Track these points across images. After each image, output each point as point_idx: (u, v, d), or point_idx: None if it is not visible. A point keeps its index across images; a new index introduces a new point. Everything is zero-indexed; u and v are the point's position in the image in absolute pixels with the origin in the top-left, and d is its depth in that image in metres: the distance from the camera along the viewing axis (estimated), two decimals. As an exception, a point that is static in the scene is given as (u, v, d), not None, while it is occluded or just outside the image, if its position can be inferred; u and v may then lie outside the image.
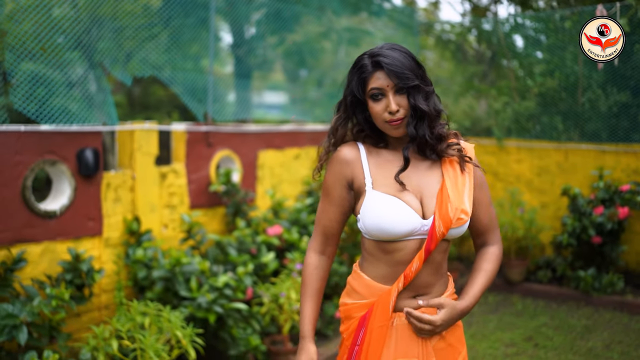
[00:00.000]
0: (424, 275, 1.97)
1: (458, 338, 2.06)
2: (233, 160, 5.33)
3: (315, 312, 2.08)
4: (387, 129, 1.95)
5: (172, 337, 3.45)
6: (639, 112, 6.62)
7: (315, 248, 2.12)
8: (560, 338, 5.17)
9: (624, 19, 6.16)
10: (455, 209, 1.91)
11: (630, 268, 6.44)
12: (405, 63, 1.89)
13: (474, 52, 13.82)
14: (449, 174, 1.97)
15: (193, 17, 5.12)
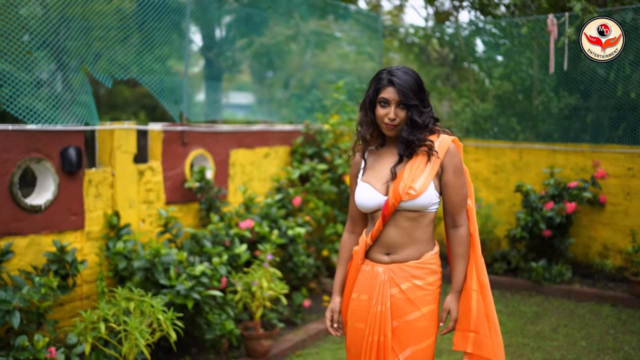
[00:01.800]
0: (391, 236, 2.59)
1: (419, 298, 2.57)
2: (206, 159, 5.62)
3: (344, 275, 2.79)
4: (384, 129, 2.59)
5: (153, 321, 3.74)
6: (587, 114, 7.09)
7: (347, 228, 2.85)
8: (512, 323, 5.58)
9: (571, 28, 6.62)
10: (405, 186, 2.51)
11: (577, 259, 6.90)
12: (412, 86, 2.51)
13: (437, 55, 14.30)
14: (413, 163, 2.56)
15: (166, 20, 5.36)
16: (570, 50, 6.89)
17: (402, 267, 2.57)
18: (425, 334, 2.57)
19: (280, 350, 4.81)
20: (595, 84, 6.92)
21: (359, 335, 2.64)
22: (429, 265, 2.61)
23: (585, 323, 5.55)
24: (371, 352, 2.58)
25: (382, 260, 2.61)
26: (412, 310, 2.56)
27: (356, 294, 2.66)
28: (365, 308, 2.62)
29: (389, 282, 2.57)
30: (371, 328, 2.58)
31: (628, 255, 6.46)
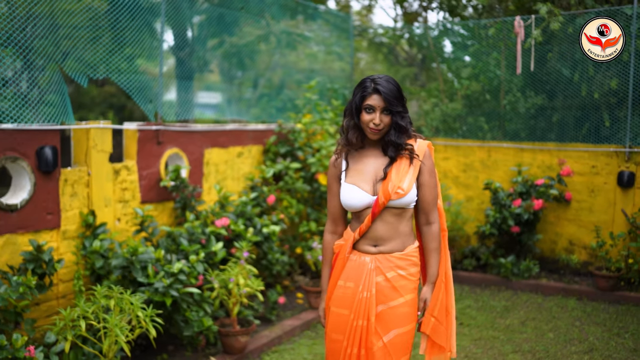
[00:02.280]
0: (378, 231, 2.79)
1: (403, 287, 2.79)
2: (181, 158, 5.65)
3: (329, 274, 2.97)
4: (368, 133, 2.78)
5: (133, 318, 3.77)
6: (553, 114, 7.29)
7: (329, 229, 3.02)
8: (482, 317, 5.73)
9: (538, 30, 6.81)
10: (393, 186, 2.73)
11: (544, 255, 7.10)
12: (395, 94, 2.72)
13: (406, 55, 14.48)
14: (399, 165, 2.79)
15: (139, 19, 5.36)
16: (537, 52, 7.08)
17: (387, 258, 2.80)
18: (407, 319, 2.79)
19: (256, 347, 4.87)
20: (561, 84, 7.12)
21: (342, 321, 2.81)
22: (411, 257, 2.84)
23: (552, 316, 5.72)
24: (355, 335, 2.76)
25: (369, 251, 2.82)
26: (397, 296, 2.77)
27: (342, 281, 2.84)
28: (350, 295, 2.80)
29: (375, 270, 2.79)
30: (356, 313, 2.77)
31: (592, 250, 6.67)
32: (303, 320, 5.51)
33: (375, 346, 2.73)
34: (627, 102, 6.62)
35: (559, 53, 7.12)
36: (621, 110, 6.79)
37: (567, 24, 6.87)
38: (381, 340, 2.74)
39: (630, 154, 6.53)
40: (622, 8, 6.62)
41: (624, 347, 4.96)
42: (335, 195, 2.92)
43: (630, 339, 5.13)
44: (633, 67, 6.50)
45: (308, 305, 5.92)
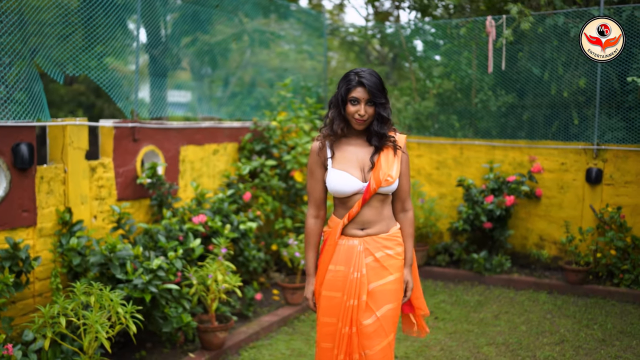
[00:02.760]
0: (366, 215, 2.97)
1: (391, 265, 2.98)
2: (157, 155, 5.64)
3: (315, 258, 3.13)
4: (354, 123, 2.94)
5: (112, 315, 3.76)
6: (523, 112, 7.44)
7: (312, 214, 3.13)
8: (456, 311, 5.83)
9: (509, 30, 6.94)
10: (384, 174, 2.92)
11: (515, 250, 7.24)
12: (378, 86, 2.88)
13: (377, 54, 14.57)
14: (386, 154, 2.98)
15: (113, 16, 5.32)
16: (507, 51, 7.22)
17: (375, 239, 2.98)
18: (395, 295, 2.99)
19: (234, 343, 4.89)
20: (531, 83, 7.27)
21: (335, 303, 2.96)
22: (396, 237, 3.05)
23: (524, 309, 5.85)
24: (347, 315, 2.92)
25: (357, 234, 2.99)
26: (387, 274, 2.96)
27: (333, 265, 2.99)
28: (341, 278, 2.96)
29: (364, 252, 2.97)
30: (348, 294, 2.93)
31: (562, 245, 6.83)
32: (280, 316, 5.54)
33: (366, 322, 2.89)
34: (595, 101, 6.79)
35: (529, 52, 7.26)
36: (589, 108, 6.96)
37: (537, 24, 7.01)
38: (374, 315, 2.90)
39: (597, 152, 6.70)
40: (589, 9, 6.79)
41: (593, 338, 5.10)
42: (319, 182, 3.05)
43: (598, 330, 5.27)
44: (600, 67, 6.67)
45: (284, 302, 5.96)
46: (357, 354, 2.91)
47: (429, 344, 5.00)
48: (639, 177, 6.52)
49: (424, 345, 4.97)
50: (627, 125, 6.72)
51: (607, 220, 6.47)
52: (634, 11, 6.56)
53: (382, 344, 2.92)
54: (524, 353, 4.79)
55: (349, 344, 2.92)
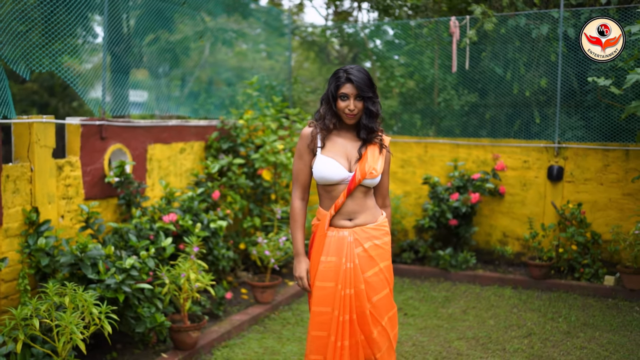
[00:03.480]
0: (351, 206, 3.10)
1: (379, 255, 3.12)
2: (124, 154, 5.55)
3: (303, 238, 3.24)
4: (344, 118, 3.09)
5: (86, 315, 3.69)
6: (486, 111, 7.58)
7: (298, 196, 3.25)
8: (425, 307, 5.90)
9: (473, 30, 7.06)
10: (369, 167, 3.07)
11: (479, 246, 7.38)
12: (366, 81, 3.02)
13: (337, 54, 14.61)
14: (373, 150, 3.13)
15: (75, 12, 5.20)
16: (471, 51, 7.34)
17: (363, 229, 3.12)
18: (383, 284, 3.13)
19: (207, 342, 4.85)
20: (494, 82, 7.41)
21: (327, 293, 3.07)
22: (383, 227, 3.19)
23: (491, 304, 5.97)
24: (344, 304, 3.05)
25: (346, 225, 3.12)
26: (373, 266, 3.10)
27: (324, 257, 3.10)
28: (333, 268, 3.08)
29: (354, 243, 3.09)
30: (343, 283, 3.06)
31: (525, 241, 6.99)
32: (250, 315, 5.52)
33: (367, 309, 3.05)
34: (555, 100, 6.97)
35: (491, 52, 7.41)
36: (550, 108, 7.14)
37: (500, 24, 7.16)
38: (369, 304, 3.06)
39: (559, 150, 6.87)
40: (550, 11, 6.96)
41: (558, 330, 5.23)
42: (306, 165, 3.18)
43: (563, 322, 5.42)
44: (561, 67, 6.85)
45: (254, 300, 5.93)
46: (362, 335, 3.08)
47: (400, 339, 5.05)
48: (598, 174, 6.72)
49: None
50: (586, 124, 6.92)
51: (568, 217, 6.65)
52: (592, 13, 6.76)
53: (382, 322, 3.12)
54: (493, 346, 4.88)
55: (351, 330, 3.06)
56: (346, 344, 3.05)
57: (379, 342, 3.09)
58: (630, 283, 6.11)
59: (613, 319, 5.52)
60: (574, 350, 4.80)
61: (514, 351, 4.78)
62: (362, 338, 3.09)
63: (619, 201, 6.64)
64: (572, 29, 6.80)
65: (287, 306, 5.99)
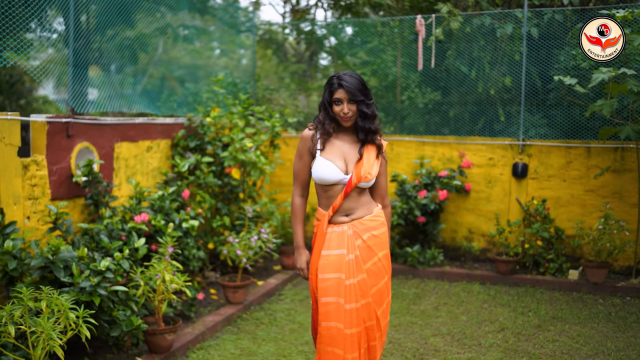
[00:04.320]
0: (347, 204, 3.29)
1: (376, 245, 3.30)
2: (91, 152, 5.38)
3: (303, 232, 3.48)
4: (341, 121, 3.27)
5: (62, 320, 3.55)
6: (451, 109, 7.66)
7: (298, 193, 3.47)
8: (397, 304, 5.92)
9: (439, 29, 7.11)
10: (365, 171, 3.25)
11: (446, 243, 7.46)
12: (357, 86, 3.19)
13: (294, 52, 14.56)
14: (368, 153, 3.31)
15: (33, 3, 5.00)
16: (436, 49, 7.41)
17: (361, 222, 3.30)
18: (382, 273, 3.32)
19: (181, 345, 4.75)
20: (459, 81, 7.50)
21: (331, 284, 3.22)
22: (379, 217, 3.36)
23: (461, 300, 6.03)
24: (350, 293, 3.21)
25: (344, 221, 3.30)
26: (372, 256, 3.29)
27: (326, 251, 3.27)
28: (335, 261, 3.24)
29: (353, 235, 3.27)
30: (347, 274, 3.22)
31: (491, 237, 7.10)
32: (223, 315, 5.43)
33: (369, 298, 3.24)
34: (520, 98, 7.10)
35: (456, 51, 7.49)
36: (513, 105, 7.26)
37: (465, 23, 7.24)
38: (371, 292, 3.25)
39: (523, 147, 7.00)
40: (513, 11, 7.08)
41: (530, 324, 5.33)
42: (306, 166, 3.38)
43: (533, 316, 5.52)
44: (525, 66, 6.97)
45: (224, 301, 5.85)
46: (369, 321, 3.26)
47: (376, 337, 5.05)
48: (561, 171, 6.87)
49: (372, 338, 5.01)
50: (549, 122, 7.07)
51: (533, 213, 6.78)
52: (554, 14, 6.91)
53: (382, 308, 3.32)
54: (469, 342, 4.93)
55: (358, 318, 3.21)
56: (354, 332, 3.21)
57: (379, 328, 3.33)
58: (594, 277, 6.27)
59: (580, 312, 5.66)
60: (546, 344, 4.89)
61: (489, 346, 4.84)
62: (369, 325, 3.26)
63: (581, 197, 6.81)
64: (535, 29, 6.93)
65: (259, 306, 5.92)
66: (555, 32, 6.93)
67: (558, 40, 6.93)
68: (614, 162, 6.62)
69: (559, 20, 6.88)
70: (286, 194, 8.12)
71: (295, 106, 8.90)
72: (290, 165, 8.22)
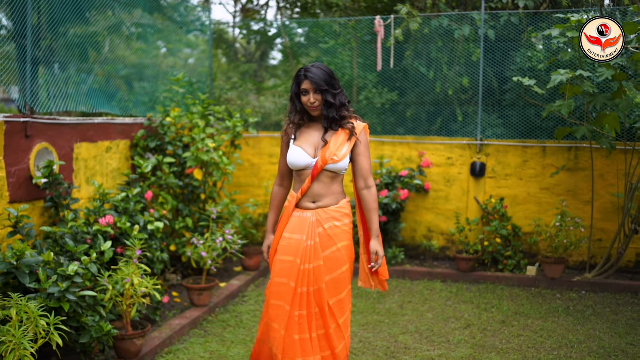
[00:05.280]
0: (316, 189, 3.42)
1: (337, 235, 3.41)
2: (51, 153, 5.20)
3: (276, 218, 3.69)
4: (309, 110, 3.44)
5: (31, 328, 3.42)
6: (410, 109, 7.75)
7: (277, 182, 3.68)
8: (362, 304, 5.95)
9: (399, 30, 7.18)
10: (330, 153, 3.35)
11: (405, 242, 7.54)
12: (322, 77, 3.34)
13: (244, 52, 14.44)
14: (337, 137, 3.41)
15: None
16: (394, 50, 7.48)
17: (325, 211, 3.42)
18: (341, 262, 3.41)
19: (150, 349, 4.64)
20: (418, 81, 7.59)
21: (287, 267, 3.40)
22: (343, 209, 3.47)
23: (425, 298, 6.11)
24: (303, 278, 3.37)
25: (310, 207, 3.45)
26: (332, 245, 3.40)
27: (287, 234, 3.46)
28: (295, 245, 3.41)
29: (316, 223, 3.41)
30: (303, 259, 3.38)
31: (450, 236, 7.21)
32: (189, 318, 5.34)
33: (324, 284, 3.35)
34: (477, 99, 7.23)
35: (415, 52, 7.58)
36: (471, 106, 7.40)
37: (424, 25, 7.34)
38: (325, 280, 3.36)
39: (481, 147, 7.14)
40: (471, 13, 7.22)
41: (494, 320, 5.44)
42: (284, 156, 3.58)
43: (497, 313, 5.64)
44: (482, 67, 7.11)
45: (189, 303, 5.76)
46: (317, 307, 3.38)
47: (346, 336, 5.06)
48: (517, 170, 7.04)
49: (342, 338, 5.02)
50: (505, 122, 7.24)
51: (491, 211, 6.92)
52: (511, 17, 7.07)
53: (338, 297, 3.42)
54: (437, 339, 5.00)
55: (308, 302, 3.36)
56: (303, 314, 3.36)
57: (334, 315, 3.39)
58: (552, 272, 6.45)
59: (540, 307, 5.81)
60: (512, 339, 5.00)
61: (458, 342, 4.92)
62: (317, 311, 3.38)
63: (537, 195, 6.99)
64: (492, 31, 7.09)
65: (224, 308, 5.85)
66: (511, 35, 7.10)
67: (514, 43, 7.10)
68: (568, 161, 6.83)
69: (514, 23, 7.05)
70: (245, 195, 8.05)
71: (253, 106, 8.83)
72: (250, 166, 8.16)
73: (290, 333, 3.37)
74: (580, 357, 4.63)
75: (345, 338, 3.46)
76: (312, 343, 3.38)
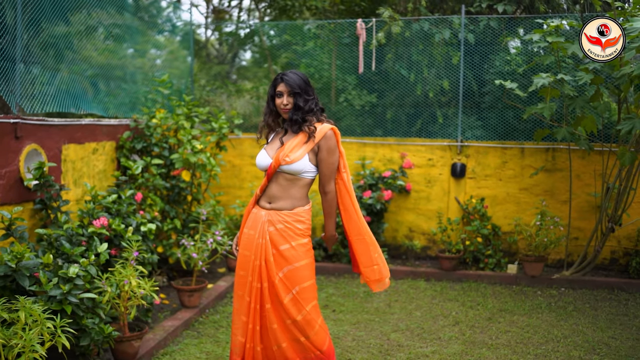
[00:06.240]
0: (272, 190, 3.50)
1: (289, 235, 3.44)
2: (40, 154, 5.15)
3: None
4: (281, 112, 3.50)
5: (38, 330, 3.40)
6: (390, 111, 7.86)
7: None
8: (350, 303, 6.03)
9: (381, 32, 7.29)
10: (283, 154, 3.39)
11: (387, 242, 7.65)
12: (296, 81, 3.42)
13: (217, 53, 14.41)
14: (295, 139, 3.44)
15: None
16: (375, 53, 7.58)
17: (277, 213, 3.49)
18: (294, 259, 3.45)
19: (146, 351, 4.64)
20: (398, 83, 7.71)
21: (245, 260, 3.54)
22: (297, 215, 3.49)
23: (411, 297, 6.22)
24: (255, 272, 3.48)
25: (265, 207, 3.54)
26: (284, 242, 3.46)
27: (247, 229, 3.60)
28: (250, 240, 3.54)
29: (267, 222, 3.49)
30: (255, 254, 3.49)
31: (431, 235, 7.35)
32: (181, 320, 5.35)
33: (276, 279, 3.42)
34: (457, 101, 7.39)
35: (396, 55, 7.70)
36: (450, 108, 7.55)
37: (405, 28, 7.46)
38: (277, 275, 3.43)
39: (461, 148, 7.30)
40: (450, 17, 7.37)
41: (481, 317, 5.58)
42: None
43: (482, 310, 5.78)
44: (462, 70, 7.27)
45: (178, 305, 5.76)
46: (269, 303, 3.44)
47: (338, 334, 5.14)
48: (497, 170, 7.22)
49: (335, 336, 5.09)
50: (484, 124, 7.41)
51: (471, 211, 7.08)
52: (490, 21, 7.25)
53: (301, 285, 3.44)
54: (428, 336, 5.11)
55: (260, 296, 3.46)
56: (258, 307, 3.47)
57: (290, 310, 3.41)
58: (532, 270, 6.63)
59: (523, 304, 5.98)
60: (500, 335, 5.14)
61: (448, 339, 5.03)
62: (269, 307, 3.45)
63: (516, 195, 7.18)
64: (472, 35, 7.25)
65: (213, 309, 5.87)
66: (490, 38, 7.27)
67: (493, 46, 7.27)
68: (546, 162, 7.03)
69: (494, 27, 7.23)
70: (228, 196, 8.06)
71: (234, 108, 8.83)
72: (231, 167, 8.17)
73: (253, 325, 3.49)
74: (567, 350, 4.79)
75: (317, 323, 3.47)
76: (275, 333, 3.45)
